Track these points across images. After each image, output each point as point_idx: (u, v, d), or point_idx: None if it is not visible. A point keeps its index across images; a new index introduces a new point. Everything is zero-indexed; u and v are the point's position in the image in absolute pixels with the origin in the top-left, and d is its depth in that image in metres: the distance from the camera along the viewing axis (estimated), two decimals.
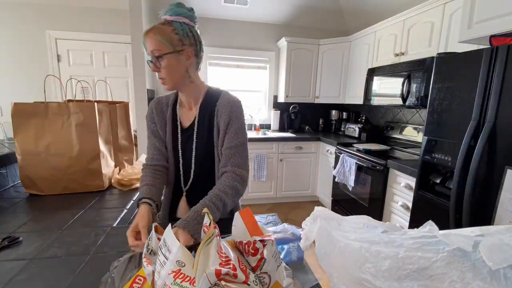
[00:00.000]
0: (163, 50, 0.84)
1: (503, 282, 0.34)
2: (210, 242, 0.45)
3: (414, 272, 0.40)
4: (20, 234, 0.81)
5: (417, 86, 1.97)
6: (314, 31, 3.53)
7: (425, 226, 0.45)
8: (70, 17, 2.83)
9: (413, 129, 2.46)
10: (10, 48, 2.76)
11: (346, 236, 0.49)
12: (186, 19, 0.87)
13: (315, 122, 3.78)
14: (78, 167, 1.18)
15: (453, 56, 1.36)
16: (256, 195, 3.15)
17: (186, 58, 0.88)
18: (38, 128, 1.13)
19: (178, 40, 0.86)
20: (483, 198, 1.21)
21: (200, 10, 3.15)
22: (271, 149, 3.07)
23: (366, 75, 2.62)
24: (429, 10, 1.97)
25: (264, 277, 0.47)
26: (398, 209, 1.87)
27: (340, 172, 2.53)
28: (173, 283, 0.43)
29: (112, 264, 0.61)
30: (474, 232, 0.39)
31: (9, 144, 1.55)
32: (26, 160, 1.13)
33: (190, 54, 0.88)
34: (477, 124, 1.21)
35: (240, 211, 0.52)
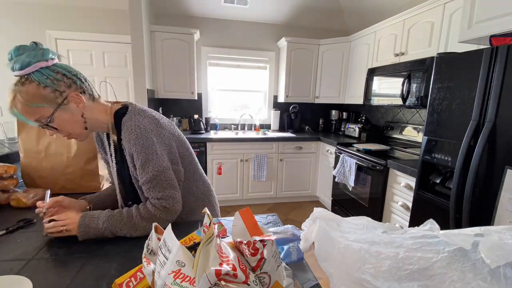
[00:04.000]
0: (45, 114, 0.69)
1: (503, 281, 0.34)
2: (210, 242, 0.45)
3: (414, 273, 0.40)
4: (20, 234, 0.81)
5: (417, 86, 1.97)
6: (314, 31, 3.53)
7: (425, 225, 0.45)
8: (70, 17, 2.83)
9: (413, 129, 2.46)
10: (10, 48, 2.76)
11: (345, 237, 0.49)
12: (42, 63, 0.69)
13: (315, 122, 3.78)
14: (75, 168, 1.18)
15: (453, 56, 1.36)
16: (256, 195, 3.15)
17: (75, 103, 0.74)
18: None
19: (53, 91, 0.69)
20: (483, 198, 1.21)
21: (200, 10, 3.16)
22: (271, 149, 3.07)
23: (366, 75, 2.62)
24: (429, 10, 1.97)
25: (264, 277, 0.47)
26: (398, 209, 1.87)
27: (340, 172, 2.53)
28: (173, 283, 0.43)
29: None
30: (474, 231, 0.39)
31: (9, 144, 1.56)
32: (27, 158, 1.14)
33: (76, 96, 0.74)
34: (477, 124, 1.21)
35: (240, 211, 0.52)
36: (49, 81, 0.69)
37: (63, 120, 0.73)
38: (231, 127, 3.58)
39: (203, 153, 2.88)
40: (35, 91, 0.67)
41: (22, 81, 0.68)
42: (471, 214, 1.24)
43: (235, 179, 3.05)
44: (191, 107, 3.39)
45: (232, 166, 3.01)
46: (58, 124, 0.72)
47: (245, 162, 3.03)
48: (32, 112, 0.68)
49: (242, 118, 3.55)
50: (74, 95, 0.74)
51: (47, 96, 0.69)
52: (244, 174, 3.06)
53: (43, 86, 0.68)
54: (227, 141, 2.93)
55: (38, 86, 0.68)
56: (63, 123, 0.73)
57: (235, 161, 3.00)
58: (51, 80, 0.69)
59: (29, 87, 0.67)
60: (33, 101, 0.67)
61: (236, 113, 3.59)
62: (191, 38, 2.94)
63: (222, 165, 2.97)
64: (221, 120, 3.55)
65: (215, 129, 3.48)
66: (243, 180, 3.07)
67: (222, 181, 3.01)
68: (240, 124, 3.59)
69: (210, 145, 2.90)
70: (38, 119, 0.69)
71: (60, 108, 0.71)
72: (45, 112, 0.69)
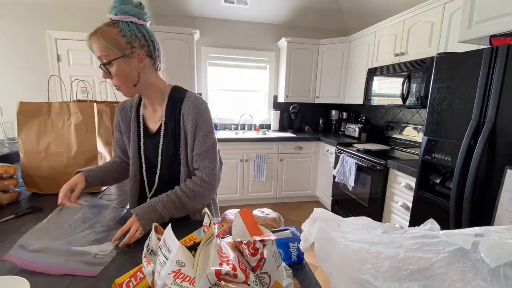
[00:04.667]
0: (110, 56, 0.77)
1: (503, 281, 0.34)
2: (210, 242, 0.45)
3: (415, 273, 0.40)
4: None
5: (417, 86, 1.97)
6: (314, 31, 3.53)
7: (426, 224, 0.45)
8: (70, 17, 2.83)
9: (413, 129, 2.46)
10: (10, 48, 2.76)
11: (345, 237, 0.49)
12: (134, 18, 0.79)
13: (315, 122, 3.78)
14: (75, 167, 1.17)
15: (453, 56, 1.36)
16: (256, 195, 3.15)
17: (137, 61, 0.81)
18: (41, 127, 1.14)
19: (126, 42, 0.78)
20: (483, 198, 1.21)
21: (200, 10, 3.15)
22: (271, 149, 3.07)
23: (366, 75, 2.62)
24: (429, 10, 1.97)
25: (264, 277, 0.47)
26: (398, 209, 1.87)
27: (340, 172, 2.53)
28: (173, 283, 0.43)
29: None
30: (474, 231, 0.39)
31: (9, 144, 1.56)
32: (28, 158, 1.14)
33: (141, 56, 0.82)
34: (477, 124, 1.21)
35: (240, 211, 0.52)
36: (129, 34, 0.78)
37: (120, 69, 0.80)
38: (231, 127, 3.58)
39: None
40: (114, 35, 0.77)
41: (110, 23, 0.78)
42: (471, 214, 1.24)
43: (235, 179, 3.05)
44: None
45: (232, 166, 3.01)
46: (115, 70, 0.79)
47: (245, 162, 3.03)
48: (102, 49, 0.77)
49: (242, 118, 3.55)
50: (141, 54, 0.82)
51: (120, 43, 0.78)
52: (244, 174, 3.06)
53: (122, 35, 0.78)
54: (227, 141, 2.93)
55: (119, 33, 0.77)
56: (119, 72, 0.80)
57: (235, 161, 3.00)
58: (131, 34, 0.79)
59: (112, 30, 0.77)
60: (108, 41, 0.76)
61: (236, 113, 3.59)
62: (191, 38, 2.94)
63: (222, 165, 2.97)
64: (221, 120, 3.55)
65: (215, 129, 3.48)
66: (243, 180, 3.07)
67: (222, 181, 2.99)
68: (240, 124, 3.59)
69: None
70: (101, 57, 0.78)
71: (123, 58, 0.79)
72: (111, 54, 0.77)
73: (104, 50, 0.77)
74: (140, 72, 0.83)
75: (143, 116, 0.94)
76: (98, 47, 0.77)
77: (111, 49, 0.77)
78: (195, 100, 0.89)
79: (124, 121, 0.97)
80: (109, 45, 0.76)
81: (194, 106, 0.88)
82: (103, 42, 0.76)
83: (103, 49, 0.77)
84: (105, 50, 0.77)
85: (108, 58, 0.77)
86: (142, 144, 0.93)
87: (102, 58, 0.78)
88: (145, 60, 0.83)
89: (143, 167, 0.95)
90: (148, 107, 0.95)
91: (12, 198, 1.06)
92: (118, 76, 0.80)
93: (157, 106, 0.93)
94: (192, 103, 0.88)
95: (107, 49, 0.77)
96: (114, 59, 0.78)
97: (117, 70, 0.79)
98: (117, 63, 0.78)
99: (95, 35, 0.76)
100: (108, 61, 0.77)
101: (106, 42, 0.76)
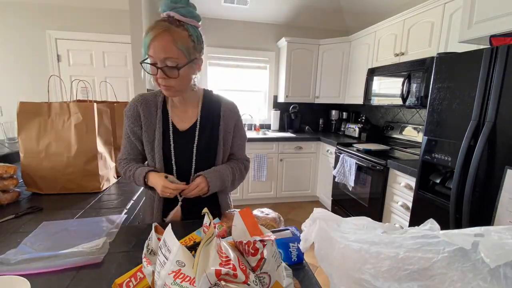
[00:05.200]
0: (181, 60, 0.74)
1: (503, 281, 0.34)
2: (210, 242, 0.45)
3: (414, 273, 0.40)
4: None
5: (417, 86, 1.97)
6: (314, 31, 3.53)
7: (426, 224, 0.45)
8: (70, 17, 2.83)
9: (413, 129, 2.46)
10: (10, 48, 2.76)
11: (345, 237, 0.49)
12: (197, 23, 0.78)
13: (315, 122, 3.78)
14: (75, 168, 1.18)
15: (453, 56, 1.36)
16: (256, 195, 3.15)
17: (197, 66, 0.83)
18: (41, 127, 1.14)
19: (193, 48, 0.77)
20: (483, 198, 1.21)
21: (200, 10, 3.14)
22: (271, 149, 3.07)
23: (366, 75, 2.62)
24: (429, 10, 1.97)
25: (264, 277, 0.47)
26: (398, 209, 1.87)
27: (340, 172, 2.53)
28: (173, 283, 0.43)
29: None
30: (474, 231, 0.39)
31: (9, 144, 1.56)
32: (28, 158, 1.14)
33: (201, 61, 0.84)
34: (477, 124, 1.21)
35: (240, 211, 0.52)
36: (196, 39, 0.78)
37: (185, 74, 0.79)
38: None
39: None
40: (186, 38, 0.75)
41: (178, 24, 0.74)
42: (471, 214, 1.24)
43: None
44: None
45: None
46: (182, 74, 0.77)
47: None
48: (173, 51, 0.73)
49: (242, 118, 3.54)
50: (200, 59, 0.83)
51: (190, 47, 0.76)
52: None
53: (192, 39, 0.77)
54: None
55: (189, 37, 0.76)
56: (184, 76, 0.79)
57: None
58: (198, 39, 0.79)
59: (184, 32, 0.75)
60: (181, 43, 0.73)
61: None
62: None
63: None
64: None
65: None
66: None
67: None
68: None
69: None
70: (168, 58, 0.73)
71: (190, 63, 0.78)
72: (182, 59, 0.75)
73: (175, 53, 0.73)
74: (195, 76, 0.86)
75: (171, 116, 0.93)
76: (169, 48, 0.72)
77: (183, 53, 0.74)
78: (232, 103, 1.00)
79: (147, 116, 0.90)
80: (183, 49, 0.74)
81: (233, 107, 0.99)
82: (178, 44, 0.73)
83: (175, 52, 0.73)
84: (177, 53, 0.73)
85: (177, 61, 0.74)
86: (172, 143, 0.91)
87: (170, 60, 0.74)
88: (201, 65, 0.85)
89: (173, 167, 0.91)
90: (178, 107, 0.93)
91: (12, 198, 1.06)
92: (181, 81, 0.79)
93: (189, 107, 0.94)
94: (232, 105, 0.99)
95: (179, 52, 0.74)
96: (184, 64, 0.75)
97: (183, 74, 0.77)
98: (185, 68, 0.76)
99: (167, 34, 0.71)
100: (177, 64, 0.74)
101: (181, 44, 0.73)
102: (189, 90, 0.89)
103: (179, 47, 0.73)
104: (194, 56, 0.79)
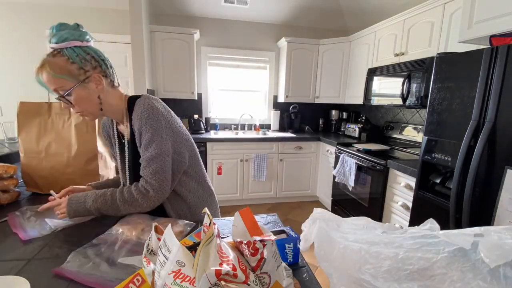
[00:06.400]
0: (66, 86, 0.75)
1: (503, 281, 0.34)
2: (210, 242, 0.45)
3: (414, 273, 0.40)
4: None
5: (417, 86, 1.97)
6: (314, 31, 3.53)
7: (425, 224, 0.45)
8: (70, 17, 2.83)
9: (413, 129, 2.46)
10: (9, 48, 2.76)
11: (345, 238, 0.49)
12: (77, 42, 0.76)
13: (315, 122, 3.78)
14: (75, 168, 1.18)
15: (453, 56, 1.36)
16: (256, 195, 3.15)
17: (95, 84, 0.80)
18: (41, 127, 1.14)
19: (78, 68, 0.76)
20: (483, 198, 1.21)
21: (200, 10, 3.15)
22: (271, 149, 3.07)
23: (366, 75, 2.62)
24: (429, 10, 1.97)
25: (264, 277, 0.47)
26: (398, 209, 1.87)
27: (340, 172, 2.53)
28: (173, 283, 0.43)
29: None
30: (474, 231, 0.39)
31: (9, 144, 1.55)
32: (28, 158, 1.14)
33: (98, 78, 0.80)
34: (477, 124, 1.21)
35: (240, 211, 0.52)
36: (78, 59, 0.76)
37: (80, 97, 0.78)
38: (231, 127, 3.58)
39: (203, 153, 2.89)
40: (63, 64, 0.74)
41: (54, 53, 0.75)
42: (471, 214, 1.24)
43: (235, 179, 3.06)
44: (191, 107, 3.39)
45: (232, 166, 3.01)
46: (75, 99, 0.77)
47: (245, 162, 3.03)
48: (54, 82, 0.74)
49: (242, 118, 3.55)
50: (96, 76, 0.80)
51: (72, 71, 0.75)
52: (244, 174, 3.06)
53: (71, 61, 0.75)
54: (227, 141, 2.93)
55: (67, 61, 0.74)
56: (79, 100, 0.78)
57: (235, 161, 3.00)
58: (80, 59, 0.76)
59: (59, 59, 0.74)
60: (59, 72, 0.73)
61: (236, 113, 3.59)
62: (191, 38, 2.94)
63: (222, 165, 2.97)
64: (221, 120, 3.55)
65: (215, 129, 3.48)
66: (243, 180, 3.08)
67: (222, 181, 3.01)
68: (240, 124, 3.59)
69: (210, 145, 2.90)
70: (57, 89, 0.75)
71: (80, 85, 0.76)
72: (66, 85, 0.75)
73: (57, 82, 0.74)
74: (100, 94, 0.82)
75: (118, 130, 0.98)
76: (50, 80, 0.74)
77: (65, 79, 0.74)
78: (142, 105, 0.83)
79: (107, 137, 1.03)
80: (61, 76, 0.74)
81: (140, 113, 0.82)
82: (54, 74, 0.73)
83: (56, 81, 0.74)
84: (58, 82, 0.74)
85: (64, 89, 0.75)
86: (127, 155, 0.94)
87: (58, 90, 0.75)
88: (102, 80, 0.82)
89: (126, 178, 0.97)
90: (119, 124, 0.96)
91: (12, 198, 1.06)
92: (80, 105, 0.79)
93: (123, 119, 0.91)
94: (138, 109, 0.83)
95: (60, 80, 0.74)
96: (71, 89, 0.75)
97: (77, 98, 0.77)
98: (75, 92, 0.76)
99: (42, 68, 0.73)
100: (65, 92, 0.75)
101: (57, 73, 0.73)
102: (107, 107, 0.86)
103: (57, 76, 0.73)
104: (84, 76, 0.77)
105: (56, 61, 0.74)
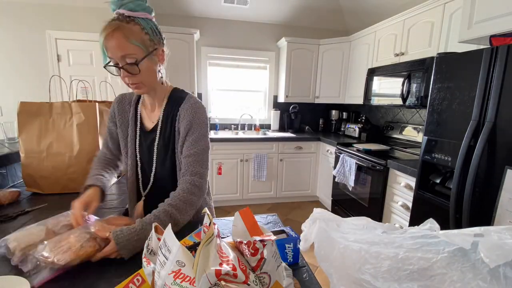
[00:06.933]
0: (139, 55, 0.74)
1: (503, 281, 0.34)
2: (210, 242, 0.45)
3: (414, 273, 0.40)
4: None
5: (417, 86, 1.97)
6: (314, 31, 3.53)
7: (425, 224, 0.45)
8: (70, 17, 2.83)
9: (413, 129, 2.46)
10: (9, 48, 2.76)
11: (345, 238, 0.49)
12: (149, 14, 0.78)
13: (315, 122, 3.78)
14: (77, 167, 1.18)
15: (453, 56, 1.36)
16: (256, 195, 3.15)
17: (159, 58, 0.82)
18: (42, 127, 1.14)
19: (149, 40, 0.77)
20: (483, 198, 1.21)
21: (200, 10, 3.15)
22: (271, 149, 3.07)
23: (366, 75, 2.62)
24: (429, 10, 1.97)
25: (264, 277, 0.48)
26: (398, 209, 1.87)
27: (340, 172, 2.53)
28: (173, 283, 0.43)
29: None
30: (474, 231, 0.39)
31: (9, 144, 1.55)
32: (28, 158, 1.14)
33: (162, 53, 0.83)
34: (477, 124, 1.21)
35: (240, 211, 0.52)
36: (150, 31, 0.77)
37: (147, 67, 0.78)
38: (231, 127, 3.58)
39: None
40: (138, 32, 0.74)
41: (128, 20, 0.73)
42: (471, 214, 1.24)
43: (235, 179, 3.06)
44: None
45: (232, 166, 3.01)
46: (143, 68, 0.76)
47: (245, 162, 3.03)
48: (128, 48, 0.73)
49: (242, 118, 3.55)
50: (161, 51, 0.82)
51: (145, 41, 0.76)
52: (244, 174, 3.06)
53: (145, 32, 0.76)
54: (227, 141, 2.93)
55: (142, 30, 0.75)
56: (146, 70, 0.78)
57: (235, 161, 3.00)
58: (152, 31, 0.78)
59: (135, 27, 0.74)
60: (134, 38, 0.73)
61: (236, 113, 3.59)
62: (191, 38, 2.94)
63: (222, 165, 2.97)
64: (221, 120, 3.55)
65: (215, 129, 3.48)
66: (243, 180, 3.08)
67: (222, 181, 3.01)
68: (240, 124, 3.59)
69: (210, 145, 2.90)
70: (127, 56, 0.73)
71: (149, 56, 0.77)
72: (140, 53, 0.75)
73: (132, 49, 0.73)
74: (161, 69, 0.84)
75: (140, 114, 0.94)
76: (123, 45, 0.72)
77: (140, 48, 0.74)
78: (194, 103, 0.88)
79: (121, 113, 0.95)
80: (137, 43, 0.73)
81: (192, 108, 0.87)
82: (132, 40, 0.72)
83: (131, 48, 0.73)
84: (133, 48, 0.73)
85: (134, 57, 0.74)
86: (138, 140, 0.93)
87: (129, 57, 0.74)
88: (163, 56, 0.84)
89: (138, 165, 0.94)
90: (148, 106, 0.94)
91: (12, 198, 1.06)
92: (145, 75, 0.78)
93: (156, 106, 0.92)
94: (191, 105, 0.87)
95: (135, 48, 0.73)
96: (144, 57, 0.75)
97: (145, 68, 0.77)
98: (145, 61, 0.76)
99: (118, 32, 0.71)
100: (136, 60, 0.74)
101: (134, 39, 0.73)
102: (158, 85, 0.88)
103: (133, 43, 0.73)
104: (153, 47, 0.78)
105: (132, 27, 0.73)
